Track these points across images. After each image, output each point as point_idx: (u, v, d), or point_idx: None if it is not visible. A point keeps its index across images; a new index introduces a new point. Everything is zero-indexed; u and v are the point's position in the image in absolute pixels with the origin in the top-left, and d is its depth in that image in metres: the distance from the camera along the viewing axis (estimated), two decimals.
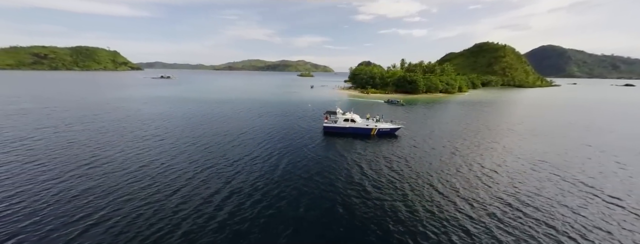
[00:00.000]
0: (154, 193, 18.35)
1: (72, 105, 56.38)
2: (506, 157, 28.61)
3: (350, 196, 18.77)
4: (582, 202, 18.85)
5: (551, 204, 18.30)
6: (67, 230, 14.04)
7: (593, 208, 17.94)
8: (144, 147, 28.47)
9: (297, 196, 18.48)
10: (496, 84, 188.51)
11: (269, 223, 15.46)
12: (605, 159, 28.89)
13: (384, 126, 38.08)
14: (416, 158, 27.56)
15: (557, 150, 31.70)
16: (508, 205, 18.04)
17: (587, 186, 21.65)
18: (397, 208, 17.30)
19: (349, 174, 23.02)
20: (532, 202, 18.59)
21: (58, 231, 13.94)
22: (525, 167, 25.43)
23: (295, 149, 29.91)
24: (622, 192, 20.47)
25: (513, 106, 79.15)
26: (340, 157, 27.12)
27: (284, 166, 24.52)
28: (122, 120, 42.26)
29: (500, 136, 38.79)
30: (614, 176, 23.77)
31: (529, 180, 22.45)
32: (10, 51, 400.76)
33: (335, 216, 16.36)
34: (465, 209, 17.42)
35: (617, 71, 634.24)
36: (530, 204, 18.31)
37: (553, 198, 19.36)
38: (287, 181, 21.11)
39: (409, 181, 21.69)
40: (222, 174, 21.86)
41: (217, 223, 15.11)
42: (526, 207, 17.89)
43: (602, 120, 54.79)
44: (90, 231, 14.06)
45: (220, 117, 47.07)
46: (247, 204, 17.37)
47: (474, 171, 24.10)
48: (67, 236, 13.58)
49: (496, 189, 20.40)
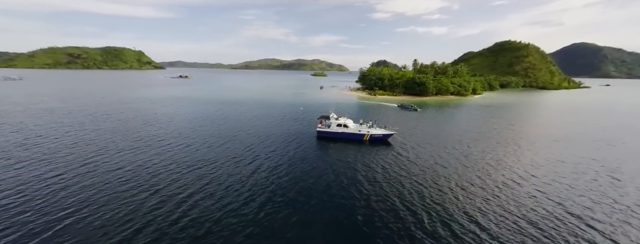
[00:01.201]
0: (126, 193, 19.73)
1: (91, 105, 60.97)
2: (496, 167, 27.60)
3: (335, 201, 19.26)
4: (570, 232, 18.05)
5: (545, 221, 17.69)
6: (47, 226, 15.73)
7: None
8: (140, 148, 30.46)
9: (284, 201, 19.21)
10: (517, 86, 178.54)
11: (257, 227, 16.33)
12: (603, 180, 27.06)
13: (376, 132, 37.88)
14: (404, 167, 27.32)
15: (554, 162, 30.03)
16: (490, 217, 17.67)
17: (573, 216, 20.58)
18: (383, 217, 17.56)
19: (337, 180, 23.55)
20: (516, 218, 18.05)
21: (38, 227, 15.65)
22: (511, 180, 24.45)
23: (287, 153, 30.74)
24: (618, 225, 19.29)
25: (524, 110, 74.95)
26: (330, 164, 27.55)
27: (273, 169, 25.34)
28: (130, 120, 45.21)
29: (495, 144, 37.16)
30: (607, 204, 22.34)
31: (512, 195, 21.66)
32: (48, 52, 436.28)
33: (326, 221, 17.02)
34: (448, 221, 17.31)
35: None
36: (512, 219, 17.80)
37: (549, 214, 18.65)
38: (276, 184, 21.89)
39: (394, 190, 21.70)
40: (211, 175, 23.06)
41: (197, 225, 16.21)
42: (510, 221, 17.44)
43: (617, 130, 50.75)
44: (68, 229, 15.65)
45: (220, 119, 48.91)
46: (234, 207, 18.30)
47: (460, 182, 23.59)
48: (47, 232, 15.25)
49: (480, 201, 19.95)
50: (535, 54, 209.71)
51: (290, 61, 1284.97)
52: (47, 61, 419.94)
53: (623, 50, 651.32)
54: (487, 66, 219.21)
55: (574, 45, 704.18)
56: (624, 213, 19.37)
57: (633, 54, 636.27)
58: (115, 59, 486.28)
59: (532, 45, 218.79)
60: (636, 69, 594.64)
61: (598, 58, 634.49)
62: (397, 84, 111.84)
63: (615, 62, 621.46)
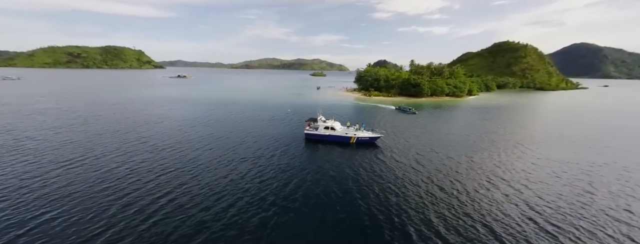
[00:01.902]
0: (101, 195, 20.10)
1: (84, 105, 61.40)
2: (476, 170, 27.88)
3: (316, 203, 19.63)
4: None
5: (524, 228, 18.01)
6: (19, 226, 16.15)
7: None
8: (125, 150, 30.87)
9: (266, 203, 19.59)
10: (514, 87, 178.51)
11: (238, 229, 16.72)
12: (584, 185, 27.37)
13: (363, 135, 38.22)
14: (388, 170, 27.67)
15: (534, 166, 30.34)
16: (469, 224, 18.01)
17: (558, 228, 20.88)
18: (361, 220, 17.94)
19: (322, 182, 24.04)
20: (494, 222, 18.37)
21: (11, 227, 16.08)
22: (487, 183, 24.77)
23: (273, 155, 31.14)
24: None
25: (515, 112, 75.10)
26: (317, 166, 27.98)
27: (257, 172, 25.73)
28: (120, 122, 45.60)
29: (479, 148, 37.39)
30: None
31: (488, 197, 21.98)
32: (48, 51, 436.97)
33: (308, 223, 17.43)
34: (429, 224, 17.65)
35: None
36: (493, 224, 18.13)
37: (526, 221, 18.97)
38: (259, 188, 22.27)
39: (376, 193, 22.05)
40: (192, 178, 23.44)
41: (170, 227, 16.57)
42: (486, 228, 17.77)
43: (607, 132, 51.02)
44: (38, 230, 16.06)
45: (211, 121, 49.25)
46: (210, 208, 18.68)
47: (440, 184, 23.92)
48: (18, 230, 15.66)
49: (459, 202, 20.27)
50: (533, 55, 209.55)
51: (291, 61, 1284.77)
52: (47, 60, 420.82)
53: (623, 51, 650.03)
54: (485, 66, 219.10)
55: (574, 46, 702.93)
56: (595, 217, 19.70)
57: (633, 55, 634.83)
58: (115, 59, 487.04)
59: (530, 45, 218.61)
60: (636, 69, 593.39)
61: (598, 58, 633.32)
62: (392, 85, 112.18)
63: (615, 63, 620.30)
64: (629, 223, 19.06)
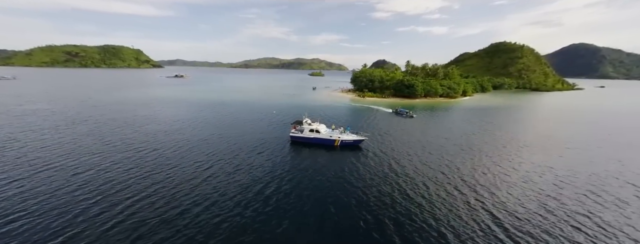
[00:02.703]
0: (75, 198, 20.34)
1: (74, 106, 61.50)
2: (456, 173, 28.21)
3: (294, 205, 19.92)
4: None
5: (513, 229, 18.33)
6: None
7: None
8: (107, 152, 31.08)
9: (244, 205, 19.90)
10: (510, 87, 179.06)
11: (213, 234, 17.01)
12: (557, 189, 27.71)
13: (347, 138, 38.53)
14: (369, 173, 27.96)
15: (513, 171, 30.69)
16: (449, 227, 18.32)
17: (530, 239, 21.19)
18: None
19: (304, 184, 24.48)
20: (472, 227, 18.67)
21: None
22: (466, 187, 25.10)
23: (258, 158, 31.55)
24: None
25: (504, 113, 75.46)
26: (300, 169, 28.35)
27: (239, 175, 26.07)
28: (107, 123, 45.75)
29: (459, 151, 37.72)
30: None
31: (468, 200, 22.29)
32: (46, 50, 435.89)
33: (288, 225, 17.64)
34: (407, 226, 17.97)
35: None
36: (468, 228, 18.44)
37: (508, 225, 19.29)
38: (236, 190, 22.53)
39: (355, 195, 22.38)
40: (171, 180, 23.67)
41: (146, 231, 16.85)
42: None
43: (595, 136, 51.43)
44: (9, 233, 16.36)
45: (199, 123, 49.40)
46: (188, 211, 18.91)
47: (423, 190, 24.23)
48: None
49: (440, 210, 20.58)
50: (529, 56, 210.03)
51: (290, 60, 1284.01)
52: (44, 59, 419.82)
53: (621, 51, 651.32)
54: (482, 67, 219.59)
55: (573, 46, 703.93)
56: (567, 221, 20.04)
57: (631, 55, 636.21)
58: (113, 58, 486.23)
59: (526, 46, 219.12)
60: (634, 70, 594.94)
61: (597, 59, 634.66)
62: (387, 86, 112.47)
63: (613, 63, 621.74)
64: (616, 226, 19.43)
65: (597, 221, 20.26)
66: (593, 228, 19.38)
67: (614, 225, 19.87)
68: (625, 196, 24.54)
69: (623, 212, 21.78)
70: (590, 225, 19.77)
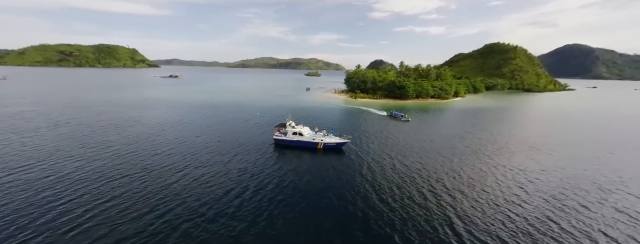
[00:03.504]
0: (39, 202, 20.29)
1: (60, 108, 61.02)
2: (435, 177, 28.54)
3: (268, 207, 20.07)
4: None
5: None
6: None
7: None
8: (85, 155, 30.97)
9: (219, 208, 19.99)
10: (503, 88, 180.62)
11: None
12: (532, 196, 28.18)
13: (330, 141, 38.71)
14: (352, 175, 28.22)
15: (487, 172, 31.13)
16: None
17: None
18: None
19: (286, 186, 24.74)
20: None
21: None
22: (445, 189, 25.44)
23: (242, 160, 31.81)
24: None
25: (491, 115, 76.12)
26: (283, 172, 28.61)
27: (215, 177, 26.32)
28: (89, 125, 45.52)
29: (436, 153, 38.09)
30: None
31: (447, 203, 22.60)
32: (40, 49, 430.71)
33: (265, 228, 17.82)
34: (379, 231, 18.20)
35: None
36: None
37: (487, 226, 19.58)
38: (210, 192, 22.68)
39: (333, 199, 22.58)
40: (150, 182, 23.66)
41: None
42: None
43: (574, 137, 52.21)
44: None
45: (182, 125, 49.28)
46: (160, 215, 18.93)
47: (401, 193, 24.51)
48: None
49: (417, 212, 20.85)
50: (522, 56, 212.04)
51: (287, 60, 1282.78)
52: (37, 58, 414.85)
53: (614, 52, 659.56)
54: (476, 67, 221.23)
55: (567, 47, 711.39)
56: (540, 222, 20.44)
57: (624, 56, 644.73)
58: (108, 57, 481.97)
59: (520, 47, 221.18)
60: (626, 70, 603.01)
61: (590, 59, 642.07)
62: (380, 87, 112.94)
63: (607, 64, 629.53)
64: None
65: (568, 222, 20.72)
66: (556, 231, 19.81)
67: (580, 229, 20.32)
68: (590, 199, 25.05)
69: (588, 213, 22.27)
70: (556, 229, 20.21)
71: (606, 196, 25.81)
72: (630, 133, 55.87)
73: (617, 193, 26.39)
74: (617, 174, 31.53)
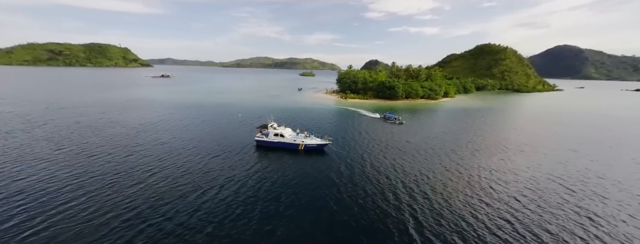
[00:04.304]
0: (6, 206, 19.98)
1: (40, 109, 59.68)
2: (413, 178, 28.78)
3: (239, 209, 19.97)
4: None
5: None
6: None
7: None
8: (59, 159, 30.41)
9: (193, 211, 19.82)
10: (493, 88, 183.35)
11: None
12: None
13: (311, 142, 38.76)
14: (327, 178, 28.27)
15: (461, 174, 31.55)
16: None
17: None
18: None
19: (265, 187, 24.61)
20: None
21: None
22: (421, 191, 25.69)
23: (223, 161, 31.78)
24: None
25: (476, 115, 77.16)
26: (263, 173, 28.53)
27: (200, 178, 26.42)
28: (67, 128, 44.67)
29: (415, 154, 38.49)
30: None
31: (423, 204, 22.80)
32: (28, 48, 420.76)
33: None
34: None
35: (638, 73, 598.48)
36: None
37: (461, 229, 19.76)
38: (185, 195, 22.40)
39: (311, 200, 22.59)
40: (122, 183, 23.31)
41: None
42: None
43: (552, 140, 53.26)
44: None
45: (163, 126, 48.74)
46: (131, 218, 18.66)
47: (379, 194, 24.63)
48: None
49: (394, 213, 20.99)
50: (512, 57, 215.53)
51: (283, 60, 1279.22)
52: (26, 57, 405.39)
53: (603, 53, 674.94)
54: (467, 68, 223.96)
55: (557, 48, 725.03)
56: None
57: (612, 57, 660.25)
58: (100, 56, 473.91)
59: (510, 48, 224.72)
60: (614, 71, 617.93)
61: (580, 60, 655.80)
62: (370, 88, 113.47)
63: (595, 65, 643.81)
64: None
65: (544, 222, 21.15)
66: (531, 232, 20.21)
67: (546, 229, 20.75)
68: (558, 198, 25.63)
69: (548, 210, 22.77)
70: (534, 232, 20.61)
71: (570, 197, 26.42)
72: (605, 133, 57.22)
73: (579, 193, 27.07)
74: (584, 174, 32.33)
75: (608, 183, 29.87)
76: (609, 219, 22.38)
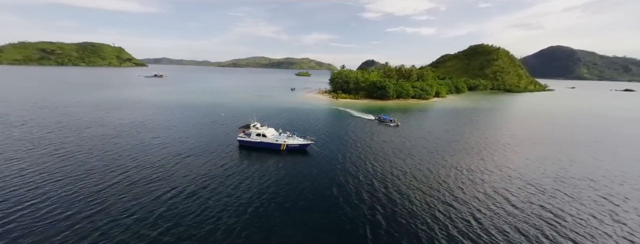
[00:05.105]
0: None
1: (22, 108, 58.69)
2: (396, 178, 28.91)
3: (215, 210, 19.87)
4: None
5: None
6: None
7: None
8: (29, 157, 29.94)
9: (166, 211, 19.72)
10: (485, 89, 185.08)
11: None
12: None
13: (293, 142, 38.73)
14: (306, 176, 28.33)
15: (433, 174, 31.81)
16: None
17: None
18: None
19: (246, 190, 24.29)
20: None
21: None
22: (404, 190, 25.80)
23: (206, 162, 31.63)
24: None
25: (462, 115, 77.84)
26: (246, 174, 28.44)
27: (181, 176, 26.47)
28: (47, 127, 44.02)
29: (394, 153, 38.72)
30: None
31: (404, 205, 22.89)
32: (19, 47, 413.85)
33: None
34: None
35: (628, 74, 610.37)
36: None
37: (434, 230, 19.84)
38: (158, 196, 22.15)
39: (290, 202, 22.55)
40: (94, 183, 23.00)
41: None
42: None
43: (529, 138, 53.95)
44: None
45: (146, 126, 48.32)
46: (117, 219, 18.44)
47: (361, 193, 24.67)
48: None
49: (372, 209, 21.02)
50: (504, 58, 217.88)
51: (280, 60, 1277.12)
52: (16, 56, 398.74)
53: (595, 54, 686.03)
54: (461, 68, 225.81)
55: (550, 48, 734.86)
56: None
57: (604, 58, 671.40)
58: (93, 56, 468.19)
59: (502, 49, 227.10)
60: (606, 71, 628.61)
61: (572, 61, 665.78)
62: (362, 88, 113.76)
63: (587, 65, 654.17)
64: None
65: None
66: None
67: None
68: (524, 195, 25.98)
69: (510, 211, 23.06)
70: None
71: (545, 196, 26.80)
72: (587, 132, 58.12)
73: (549, 191, 27.47)
74: (556, 173, 32.82)
75: (579, 181, 30.38)
76: (568, 218, 22.75)
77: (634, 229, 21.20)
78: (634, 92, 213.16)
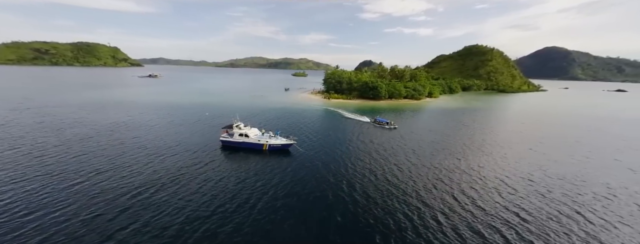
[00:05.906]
0: None
1: (5, 108, 58.02)
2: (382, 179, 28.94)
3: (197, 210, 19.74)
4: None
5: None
6: None
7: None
8: (5, 158, 29.60)
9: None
10: (479, 89, 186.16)
11: None
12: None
13: (275, 142, 38.67)
14: (290, 178, 28.29)
15: (414, 177, 31.93)
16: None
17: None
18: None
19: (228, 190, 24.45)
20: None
21: None
22: (386, 189, 25.84)
23: (184, 160, 31.69)
24: None
25: (457, 114, 78.28)
26: (227, 174, 28.40)
27: (162, 177, 26.48)
28: (30, 127, 43.56)
29: (377, 152, 38.84)
30: None
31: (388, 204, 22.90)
32: (12, 46, 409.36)
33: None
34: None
35: (622, 74, 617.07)
36: None
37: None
38: (140, 196, 21.99)
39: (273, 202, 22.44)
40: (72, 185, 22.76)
41: None
42: None
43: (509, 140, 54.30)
44: None
45: (129, 126, 48.00)
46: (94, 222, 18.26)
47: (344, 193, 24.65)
48: None
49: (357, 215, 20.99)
50: (498, 58, 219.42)
51: (277, 60, 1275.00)
52: (10, 56, 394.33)
53: (589, 55, 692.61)
54: (455, 68, 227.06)
55: (546, 49, 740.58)
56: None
57: (598, 58, 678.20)
58: (88, 56, 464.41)
59: (496, 50, 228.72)
60: (600, 72, 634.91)
61: (567, 61, 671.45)
62: (355, 88, 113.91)
63: (582, 66, 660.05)
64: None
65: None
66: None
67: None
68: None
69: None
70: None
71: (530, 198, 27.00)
72: (571, 131, 58.67)
73: (521, 191, 27.68)
74: (531, 173, 33.08)
75: (553, 181, 30.66)
76: (539, 216, 22.95)
77: (605, 227, 21.44)
78: (625, 93, 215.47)
